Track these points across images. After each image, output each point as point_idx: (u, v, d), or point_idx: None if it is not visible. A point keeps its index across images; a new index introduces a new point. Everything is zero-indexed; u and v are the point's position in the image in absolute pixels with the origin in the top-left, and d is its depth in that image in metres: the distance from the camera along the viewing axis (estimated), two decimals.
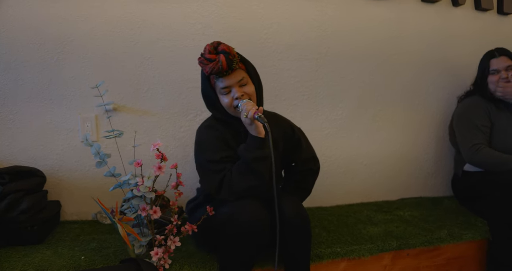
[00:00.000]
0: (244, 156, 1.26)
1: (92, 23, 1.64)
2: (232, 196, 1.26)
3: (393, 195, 2.18)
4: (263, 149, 1.26)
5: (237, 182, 1.24)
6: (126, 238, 1.20)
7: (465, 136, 1.90)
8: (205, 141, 1.35)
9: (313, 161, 1.51)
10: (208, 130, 1.36)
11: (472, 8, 2.24)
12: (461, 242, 1.67)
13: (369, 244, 1.53)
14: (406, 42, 2.10)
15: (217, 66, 1.24)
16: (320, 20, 1.93)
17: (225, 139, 1.34)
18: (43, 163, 1.65)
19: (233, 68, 1.27)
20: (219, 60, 1.24)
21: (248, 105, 1.23)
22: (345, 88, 2.01)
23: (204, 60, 1.27)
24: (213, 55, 1.26)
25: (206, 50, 1.27)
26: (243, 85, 1.30)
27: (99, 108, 1.67)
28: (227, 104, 1.31)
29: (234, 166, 1.28)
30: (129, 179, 1.22)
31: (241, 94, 1.28)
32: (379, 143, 2.11)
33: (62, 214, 1.68)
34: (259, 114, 1.20)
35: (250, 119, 1.22)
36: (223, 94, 1.31)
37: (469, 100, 1.99)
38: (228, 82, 1.28)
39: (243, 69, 1.32)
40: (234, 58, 1.26)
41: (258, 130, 1.25)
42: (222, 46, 1.27)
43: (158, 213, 1.20)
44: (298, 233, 1.25)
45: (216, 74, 1.27)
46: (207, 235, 1.34)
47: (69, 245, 1.42)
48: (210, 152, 1.31)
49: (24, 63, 1.60)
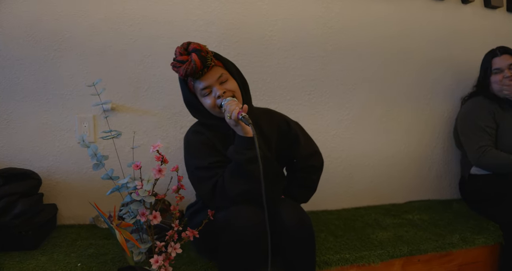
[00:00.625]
0: (234, 158, 1.19)
1: (90, 19, 1.59)
2: (226, 202, 1.19)
3: (400, 197, 2.12)
4: (253, 150, 1.17)
5: (230, 187, 1.18)
6: (125, 245, 1.13)
7: (471, 138, 1.85)
8: (192, 147, 1.28)
9: (315, 157, 1.41)
10: (194, 136, 1.30)
11: (481, 6, 2.20)
12: (473, 247, 1.61)
13: (379, 250, 1.47)
14: (413, 39, 2.05)
15: (191, 66, 1.17)
16: (326, 17, 1.87)
17: (212, 143, 1.27)
18: (39, 164, 1.59)
19: (208, 65, 1.20)
20: (191, 60, 1.17)
21: (231, 105, 1.15)
22: (351, 88, 1.95)
23: (176, 63, 1.20)
24: (184, 56, 1.19)
25: (177, 53, 1.21)
26: (224, 82, 1.23)
27: (97, 108, 1.61)
28: (210, 106, 1.23)
29: (225, 170, 1.21)
30: (127, 182, 1.16)
31: (222, 91, 1.21)
32: (386, 144, 2.05)
33: (58, 218, 1.63)
34: (243, 114, 1.11)
35: (234, 120, 1.14)
36: (205, 96, 1.24)
37: (472, 102, 1.95)
38: (207, 82, 1.21)
39: (220, 66, 1.25)
40: (207, 55, 1.19)
41: (245, 130, 1.18)
42: (192, 45, 1.20)
43: (158, 218, 1.13)
44: (298, 242, 1.18)
45: (192, 76, 1.20)
46: (208, 241, 1.28)
47: (65, 251, 1.37)
48: (198, 159, 1.24)
49: (19, 61, 1.54)
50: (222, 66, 1.26)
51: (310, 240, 1.20)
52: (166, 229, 1.44)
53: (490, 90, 1.93)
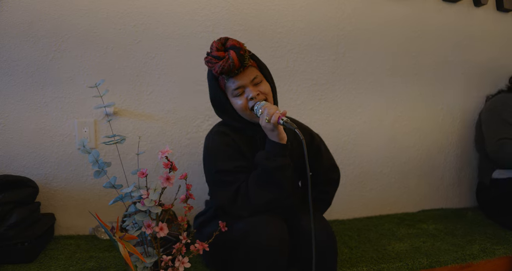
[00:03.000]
0: (263, 165, 1.11)
1: (91, 19, 1.51)
2: (247, 210, 1.13)
3: (413, 206, 2.05)
4: (286, 157, 1.12)
5: (254, 195, 1.11)
6: (128, 259, 1.04)
7: (493, 129, 1.81)
8: (215, 148, 1.20)
9: (333, 170, 1.37)
10: (219, 137, 1.22)
11: (493, 9, 2.15)
12: (494, 258, 1.54)
13: (398, 262, 1.39)
14: (426, 42, 1.99)
15: (228, 63, 1.10)
16: (338, 18, 1.81)
17: (239, 146, 1.20)
18: (36, 172, 1.51)
19: (245, 65, 1.13)
20: (229, 56, 1.10)
21: (269, 108, 1.09)
22: (363, 92, 1.88)
23: (212, 59, 1.13)
24: (221, 52, 1.12)
25: (213, 48, 1.14)
26: (257, 84, 1.17)
27: (98, 112, 1.54)
28: (241, 107, 1.16)
29: (250, 177, 1.14)
30: (132, 191, 1.07)
31: (256, 93, 1.14)
32: (399, 150, 1.98)
33: (56, 228, 1.54)
34: (284, 118, 1.05)
35: (273, 124, 1.07)
36: (236, 96, 1.17)
37: (499, 97, 1.92)
38: (241, 82, 1.15)
39: (255, 67, 1.19)
40: (245, 54, 1.13)
41: (280, 136, 1.11)
42: (230, 42, 1.13)
43: (165, 230, 1.05)
44: (323, 253, 1.11)
45: (227, 74, 1.13)
46: (219, 254, 1.19)
47: (64, 264, 1.28)
48: (222, 161, 1.17)
49: (16, 61, 1.46)
50: (257, 68, 1.19)
51: (334, 252, 1.14)
52: (172, 241, 1.35)
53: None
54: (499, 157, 1.77)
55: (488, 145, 1.82)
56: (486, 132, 1.86)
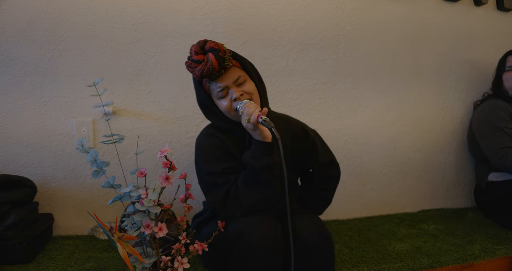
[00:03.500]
0: (250, 164, 1.11)
1: (90, 18, 1.50)
2: (239, 211, 1.11)
3: (412, 206, 2.04)
4: (271, 155, 1.11)
5: (244, 195, 1.10)
6: (127, 259, 1.03)
7: (491, 141, 1.78)
8: (204, 151, 1.20)
9: (332, 166, 1.35)
10: (208, 139, 1.21)
11: (494, 8, 2.14)
12: (495, 258, 1.53)
13: (399, 263, 1.38)
14: (426, 41, 1.98)
15: (207, 67, 1.09)
16: (338, 17, 1.80)
17: (227, 148, 1.19)
18: (34, 171, 1.50)
19: (226, 66, 1.12)
20: (207, 60, 1.09)
21: (249, 107, 1.08)
22: (364, 91, 1.87)
23: (191, 63, 1.12)
24: (200, 56, 1.11)
25: (192, 52, 1.13)
26: (241, 84, 1.15)
27: (97, 112, 1.52)
28: (225, 108, 1.16)
29: (240, 177, 1.13)
30: (130, 190, 1.06)
31: (240, 94, 1.13)
32: (399, 150, 1.97)
33: (54, 229, 1.53)
34: (263, 117, 1.04)
35: (253, 123, 1.06)
36: (221, 98, 1.16)
37: (486, 105, 1.89)
38: (224, 83, 1.14)
39: (238, 67, 1.17)
40: (224, 55, 1.11)
41: (263, 135, 1.10)
42: (209, 44, 1.12)
43: (164, 230, 1.04)
44: (318, 256, 1.09)
45: (208, 77, 1.13)
46: (217, 254, 1.18)
47: (62, 264, 1.27)
48: (211, 163, 1.17)
49: (14, 61, 1.45)
50: (240, 67, 1.18)
51: (330, 254, 1.11)
52: (171, 241, 1.35)
53: (503, 90, 1.88)
54: (505, 168, 1.76)
55: (491, 158, 1.80)
56: (483, 145, 1.84)
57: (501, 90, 1.89)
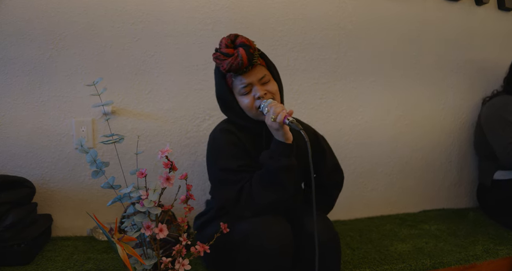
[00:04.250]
0: (268, 164, 1.09)
1: (89, 17, 1.49)
2: (251, 211, 1.11)
3: (414, 206, 2.03)
4: (290, 157, 1.10)
5: (258, 195, 1.09)
6: (127, 261, 1.02)
7: (500, 135, 1.76)
8: (220, 146, 1.18)
9: (337, 172, 1.34)
10: (224, 135, 1.19)
11: (495, 7, 2.12)
12: (497, 259, 1.52)
13: (401, 264, 1.38)
14: (427, 41, 1.97)
15: (237, 61, 1.08)
16: (339, 16, 1.78)
17: (243, 145, 1.18)
18: (33, 172, 1.48)
19: (254, 63, 1.11)
20: (238, 54, 1.09)
21: (276, 107, 1.07)
22: (365, 91, 1.86)
23: (220, 56, 1.11)
24: (231, 50, 1.10)
25: (223, 44, 1.12)
26: (265, 83, 1.15)
27: (96, 112, 1.51)
28: (247, 106, 1.15)
29: (255, 176, 1.12)
30: (130, 191, 1.05)
31: (264, 92, 1.13)
32: (400, 150, 1.96)
33: (53, 229, 1.51)
34: (291, 118, 1.03)
35: (279, 123, 1.05)
36: (243, 95, 1.15)
37: (496, 99, 1.88)
38: (249, 80, 1.13)
39: (264, 66, 1.17)
40: (254, 52, 1.11)
41: (286, 136, 1.09)
42: (240, 39, 1.12)
43: (165, 231, 1.02)
44: (327, 257, 1.09)
45: (235, 72, 1.11)
46: (220, 256, 1.17)
47: (61, 266, 1.26)
48: (226, 160, 1.15)
49: (12, 60, 1.43)
50: (265, 66, 1.17)
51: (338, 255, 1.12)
52: (171, 243, 1.33)
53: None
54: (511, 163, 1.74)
55: (499, 153, 1.78)
56: (492, 140, 1.82)
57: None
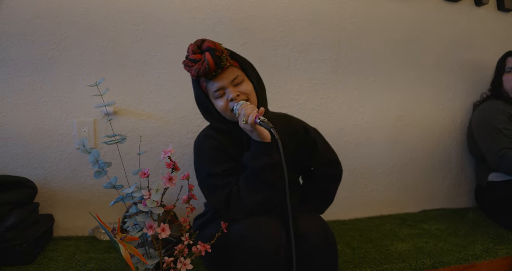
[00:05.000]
0: (250, 165, 1.10)
1: (91, 17, 1.49)
2: (242, 213, 1.11)
3: (413, 206, 2.04)
4: (271, 155, 1.10)
5: (246, 196, 1.09)
6: (130, 261, 1.02)
7: (489, 142, 1.79)
8: (203, 152, 1.20)
9: (333, 165, 1.32)
10: (206, 140, 1.21)
11: (494, 8, 2.14)
12: (497, 258, 1.53)
13: (401, 263, 1.38)
14: (427, 41, 1.98)
15: (203, 66, 1.08)
16: (340, 17, 1.79)
17: (225, 149, 1.18)
18: (34, 172, 1.49)
19: (223, 66, 1.11)
20: (204, 59, 1.08)
21: (246, 108, 1.07)
22: (365, 92, 1.87)
23: (188, 62, 1.12)
24: (197, 55, 1.10)
25: (190, 51, 1.13)
26: (238, 84, 1.14)
27: (98, 112, 1.51)
28: (222, 108, 1.15)
29: (241, 178, 1.12)
30: (133, 191, 1.05)
31: (236, 94, 1.12)
32: (400, 150, 1.97)
33: (55, 229, 1.52)
34: (261, 117, 1.03)
35: (251, 124, 1.05)
36: (217, 98, 1.15)
37: (486, 105, 1.89)
38: (220, 84, 1.13)
39: (236, 67, 1.16)
40: (222, 55, 1.11)
41: (262, 136, 1.09)
42: (206, 43, 1.11)
43: (167, 231, 1.03)
44: (321, 257, 1.08)
45: (205, 77, 1.12)
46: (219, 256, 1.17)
47: (63, 265, 1.26)
48: (210, 165, 1.16)
49: (14, 60, 1.44)
50: (238, 66, 1.17)
51: (334, 255, 1.11)
52: (173, 242, 1.33)
53: (503, 91, 1.88)
54: (503, 169, 1.76)
55: (489, 159, 1.80)
56: (481, 145, 1.84)
57: (501, 92, 1.89)
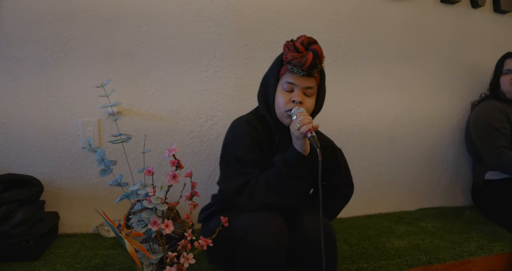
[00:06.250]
0: (278, 168, 1.13)
1: (95, 19, 1.52)
2: (249, 205, 1.15)
3: (411, 205, 2.07)
4: (302, 169, 1.13)
5: (262, 193, 1.13)
6: (135, 255, 1.06)
7: (486, 140, 1.82)
8: (240, 136, 1.22)
9: (346, 188, 1.37)
10: (247, 126, 1.23)
11: (491, 10, 2.17)
12: (491, 255, 1.57)
13: (397, 259, 1.42)
14: (424, 43, 2.02)
15: (301, 59, 1.13)
16: (337, 20, 1.83)
17: (260, 142, 1.22)
18: (40, 170, 1.52)
19: (311, 73, 1.16)
20: (306, 55, 1.13)
21: (305, 117, 1.10)
22: (363, 93, 1.90)
23: (291, 46, 1.17)
24: (302, 48, 1.16)
25: (299, 40, 1.18)
26: (307, 96, 1.19)
27: (102, 112, 1.55)
28: (282, 101, 1.19)
29: (264, 174, 1.15)
30: (138, 189, 1.09)
31: (299, 101, 1.16)
32: (397, 150, 2.01)
33: (60, 227, 1.55)
34: (313, 134, 1.06)
35: (301, 133, 1.08)
36: (284, 90, 1.19)
37: (484, 104, 1.93)
38: (297, 82, 1.17)
39: (317, 81, 1.21)
40: (318, 65, 1.16)
41: (304, 148, 1.12)
42: (316, 47, 1.16)
43: (171, 227, 1.06)
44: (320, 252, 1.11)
45: (293, 65, 1.15)
46: (221, 250, 1.21)
47: (69, 261, 1.30)
48: (242, 150, 1.19)
49: (21, 61, 1.47)
50: (318, 83, 1.22)
51: (333, 251, 1.14)
52: (176, 239, 1.37)
53: (500, 92, 1.92)
54: (500, 167, 1.79)
55: (486, 157, 1.84)
56: (478, 144, 1.88)
57: (498, 93, 1.93)
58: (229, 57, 1.68)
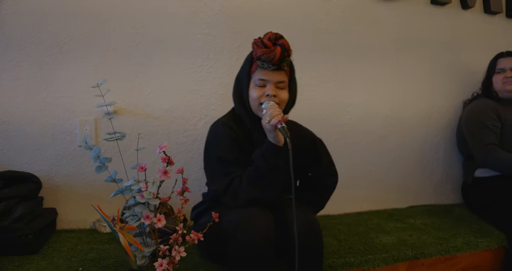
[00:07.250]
0: (258, 162, 1.18)
1: (92, 21, 1.57)
2: (236, 202, 1.19)
3: (402, 202, 2.11)
4: (277, 159, 1.18)
5: (243, 190, 1.17)
6: (128, 248, 1.11)
7: (476, 138, 1.86)
8: (220, 138, 1.27)
9: (331, 176, 1.40)
10: (225, 129, 1.28)
11: (481, 11, 2.21)
12: (477, 251, 1.61)
13: (384, 254, 1.46)
14: (415, 44, 2.06)
15: (269, 54, 1.17)
16: (328, 21, 1.87)
17: (239, 141, 1.26)
18: (39, 168, 1.56)
19: (281, 66, 1.21)
20: (274, 50, 1.18)
21: (274, 110, 1.15)
22: (354, 92, 1.95)
23: (260, 43, 1.21)
24: (270, 43, 1.20)
25: (267, 36, 1.22)
26: (279, 88, 1.24)
27: (99, 111, 1.60)
28: (255, 97, 1.23)
29: (245, 172, 1.20)
30: (131, 184, 1.14)
31: (273, 94, 1.21)
32: (389, 148, 2.05)
33: (58, 222, 1.60)
34: (283, 124, 1.11)
35: (272, 126, 1.13)
36: (256, 86, 1.24)
37: (476, 103, 1.97)
38: (268, 77, 1.22)
39: (287, 75, 1.26)
40: (287, 58, 1.21)
41: (278, 139, 1.17)
42: (283, 41, 1.21)
43: (163, 221, 1.11)
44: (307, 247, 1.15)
45: (263, 63, 1.20)
46: (211, 245, 1.25)
47: (66, 255, 1.34)
48: (223, 151, 1.24)
49: (20, 62, 1.52)
50: (288, 76, 1.26)
51: (319, 248, 1.18)
52: (168, 234, 1.42)
53: (493, 91, 1.95)
54: (489, 165, 1.83)
55: (476, 155, 1.87)
56: (469, 141, 1.91)
57: (491, 91, 1.96)
58: (222, 58, 1.72)
